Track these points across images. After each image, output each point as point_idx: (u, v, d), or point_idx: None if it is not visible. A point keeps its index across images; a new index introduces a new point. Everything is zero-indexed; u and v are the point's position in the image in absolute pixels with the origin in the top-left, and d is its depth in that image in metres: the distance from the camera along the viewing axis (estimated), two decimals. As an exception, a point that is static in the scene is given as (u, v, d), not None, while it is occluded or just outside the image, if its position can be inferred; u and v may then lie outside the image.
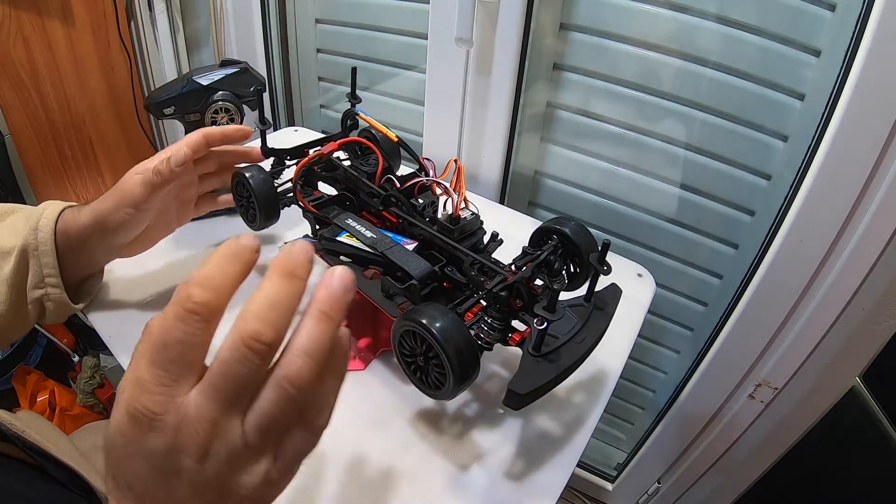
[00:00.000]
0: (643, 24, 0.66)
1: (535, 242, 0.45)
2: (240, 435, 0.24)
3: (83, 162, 1.16)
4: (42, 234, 0.45)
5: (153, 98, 0.56)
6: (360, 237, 0.45)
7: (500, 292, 0.38)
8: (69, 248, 0.47)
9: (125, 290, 0.55)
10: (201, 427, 0.23)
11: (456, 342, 0.33)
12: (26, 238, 0.45)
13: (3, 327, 0.46)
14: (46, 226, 0.46)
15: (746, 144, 0.67)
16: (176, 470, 0.23)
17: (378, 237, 0.45)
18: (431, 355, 0.35)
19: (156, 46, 1.12)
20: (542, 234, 0.45)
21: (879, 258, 0.57)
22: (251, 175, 0.49)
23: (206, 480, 0.23)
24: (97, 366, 1.06)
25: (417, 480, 0.40)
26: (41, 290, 0.47)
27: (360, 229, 0.46)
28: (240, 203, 0.52)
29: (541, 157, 0.82)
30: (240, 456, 0.24)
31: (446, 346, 0.33)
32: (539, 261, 0.42)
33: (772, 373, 0.73)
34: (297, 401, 0.24)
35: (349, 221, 0.48)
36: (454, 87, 0.75)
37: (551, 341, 0.37)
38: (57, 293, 0.47)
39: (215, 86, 0.56)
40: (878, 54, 0.50)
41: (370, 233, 0.46)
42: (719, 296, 0.78)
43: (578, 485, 1.14)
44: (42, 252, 0.46)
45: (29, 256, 0.46)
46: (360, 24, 0.88)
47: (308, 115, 1.06)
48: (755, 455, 0.81)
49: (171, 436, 0.23)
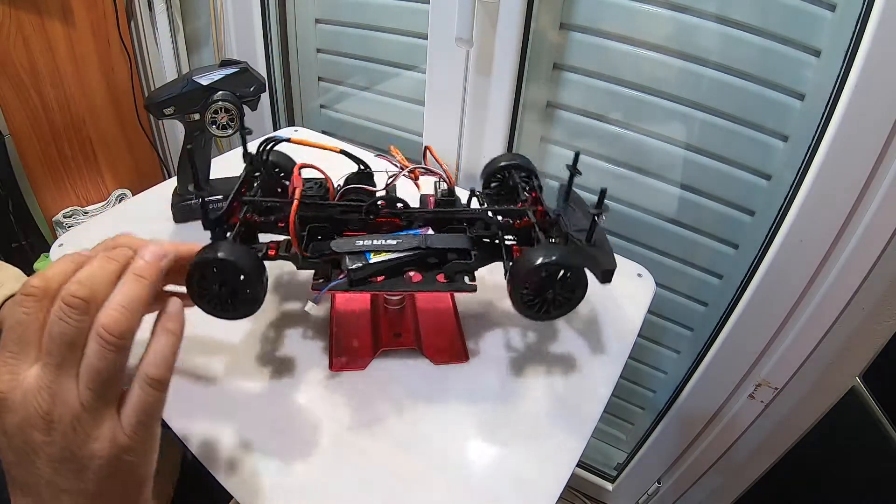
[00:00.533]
0: (643, 24, 0.66)
1: (490, 182, 0.53)
2: (76, 396, 0.25)
3: (83, 162, 1.16)
4: None
5: (153, 98, 0.56)
6: (388, 249, 0.42)
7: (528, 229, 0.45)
8: None
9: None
10: (41, 397, 0.24)
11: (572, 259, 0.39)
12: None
13: None
14: None
15: (746, 144, 0.67)
16: (32, 446, 0.25)
17: (400, 239, 0.43)
18: (564, 281, 0.39)
19: (156, 46, 1.12)
20: (496, 173, 0.52)
21: (879, 258, 0.57)
22: (236, 258, 0.36)
23: (59, 453, 0.25)
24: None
25: (417, 481, 0.40)
26: None
27: (380, 242, 0.43)
28: (206, 299, 0.37)
29: (541, 156, 0.82)
30: (81, 420, 0.25)
31: (573, 263, 0.39)
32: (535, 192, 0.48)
33: (772, 373, 0.73)
34: (119, 350, 0.26)
35: (360, 242, 0.42)
36: (454, 87, 0.75)
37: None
38: None
39: (215, 86, 0.56)
40: (878, 54, 0.50)
41: (391, 240, 0.43)
42: (719, 296, 0.78)
43: (578, 485, 1.14)
44: None
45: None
46: (360, 24, 0.88)
47: (308, 115, 1.06)
48: (755, 455, 0.81)
49: (20, 412, 0.24)
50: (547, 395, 0.47)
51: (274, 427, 0.43)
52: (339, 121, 1.02)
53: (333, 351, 0.50)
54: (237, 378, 0.46)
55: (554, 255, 0.38)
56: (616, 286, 0.61)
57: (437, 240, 0.43)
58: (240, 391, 0.45)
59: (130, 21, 1.10)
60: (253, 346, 0.49)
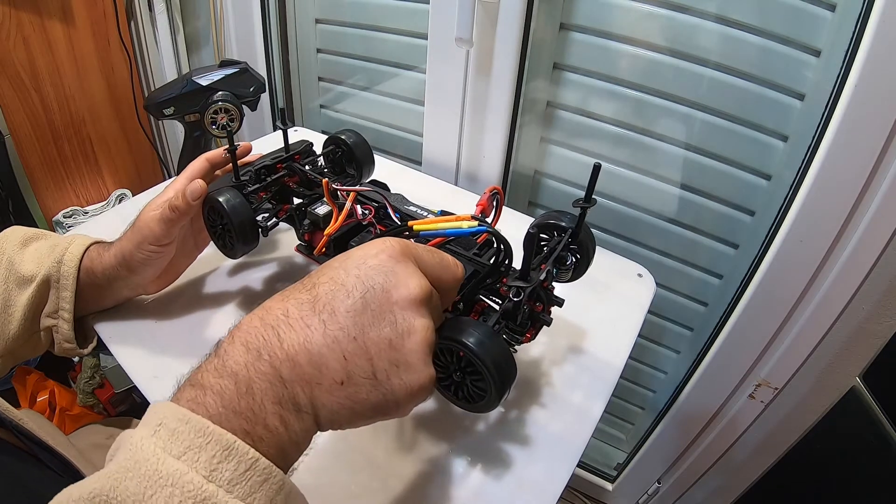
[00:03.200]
0: (643, 24, 0.66)
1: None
2: None
3: (83, 162, 1.16)
4: (66, 268, 0.46)
5: (153, 98, 0.56)
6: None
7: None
8: (93, 285, 0.47)
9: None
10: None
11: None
12: (49, 269, 0.46)
13: (14, 350, 0.47)
14: (71, 261, 0.46)
15: (746, 144, 0.67)
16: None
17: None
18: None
19: (156, 46, 1.12)
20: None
21: (879, 258, 0.57)
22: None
23: None
24: (97, 366, 1.06)
25: (418, 481, 0.40)
26: (53, 320, 0.47)
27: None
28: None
29: (541, 156, 0.82)
30: None
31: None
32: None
33: (772, 373, 0.73)
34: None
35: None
36: (454, 87, 0.75)
37: None
38: (66, 329, 0.47)
39: (215, 86, 0.56)
40: (878, 54, 0.50)
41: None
42: (719, 296, 0.78)
43: (578, 485, 1.14)
44: (62, 286, 0.46)
45: (50, 287, 0.46)
46: (360, 24, 0.88)
47: (308, 116, 1.06)
48: (755, 455, 0.81)
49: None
50: (547, 395, 0.47)
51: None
52: (339, 121, 1.02)
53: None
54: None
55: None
56: (616, 286, 0.61)
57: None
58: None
59: (130, 21, 1.10)
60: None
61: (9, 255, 0.46)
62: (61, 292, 0.46)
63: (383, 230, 0.43)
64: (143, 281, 0.49)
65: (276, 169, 0.52)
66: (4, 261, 0.46)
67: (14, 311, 0.46)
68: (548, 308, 0.40)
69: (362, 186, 0.45)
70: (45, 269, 0.46)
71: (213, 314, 0.53)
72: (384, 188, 0.50)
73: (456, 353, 0.34)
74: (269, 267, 0.60)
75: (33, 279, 0.46)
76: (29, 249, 0.48)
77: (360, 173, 0.58)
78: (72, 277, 0.46)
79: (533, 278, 0.38)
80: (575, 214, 0.43)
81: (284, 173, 0.51)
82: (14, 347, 0.46)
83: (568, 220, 0.44)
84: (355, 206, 0.44)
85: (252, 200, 0.48)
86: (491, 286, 0.40)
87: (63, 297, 0.46)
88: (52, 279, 0.46)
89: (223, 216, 0.45)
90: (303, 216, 0.48)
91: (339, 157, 0.58)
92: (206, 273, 0.58)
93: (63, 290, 0.46)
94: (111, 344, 0.49)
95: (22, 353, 0.48)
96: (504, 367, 0.34)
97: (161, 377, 0.46)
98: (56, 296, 0.46)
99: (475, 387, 0.35)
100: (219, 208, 0.45)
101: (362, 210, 0.44)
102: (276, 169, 0.52)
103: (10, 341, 0.46)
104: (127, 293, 0.51)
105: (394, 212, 0.44)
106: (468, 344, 0.33)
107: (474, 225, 0.38)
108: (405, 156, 0.94)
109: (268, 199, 0.50)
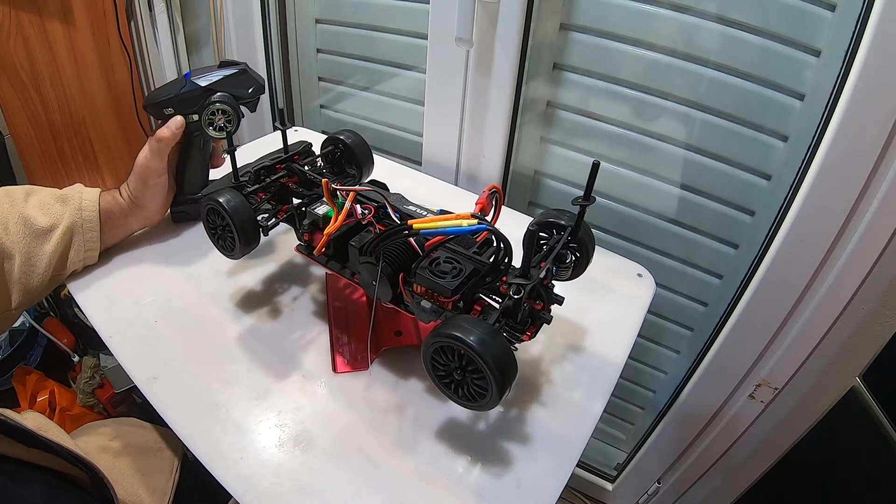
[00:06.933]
0: (643, 24, 0.66)
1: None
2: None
3: (83, 162, 1.16)
4: (88, 213, 0.54)
5: (152, 98, 0.56)
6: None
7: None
8: (111, 225, 0.56)
9: (126, 291, 0.55)
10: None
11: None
12: (72, 218, 0.53)
13: (33, 299, 0.52)
14: (91, 208, 0.54)
15: (746, 144, 0.67)
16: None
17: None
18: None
19: (156, 46, 1.12)
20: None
21: (879, 258, 0.57)
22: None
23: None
24: (97, 366, 1.06)
25: (418, 481, 0.40)
26: (81, 262, 0.55)
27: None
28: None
29: (541, 156, 0.82)
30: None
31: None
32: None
33: (772, 373, 0.73)
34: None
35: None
36: (454, 87, 0.75)
37: None
38: (93, 258, 0.56)
39: (213, 87, 0.56)
40: (878, 54, 0.50)
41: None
42: (719, 296, 0.78)
43: (578, 485, 1.14)
44: (87, 229, 0.54)
45: (73, 234, 0.53)
46: (360, 24, 0.88)
47: (308, 116, 1.06)
48: (755, 455, 0.81)
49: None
50: (547, 394, 0.47)
51: (273, 427, 0.43)
52: (340, 121, 1.02)
53: (335, 353, 0.50)
54: (238, 378, 0.46)
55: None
56: (616, 286, 0.61)
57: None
58: (240, 392, 0.45)
59: (130, 21, 1.10)
60: (254, 348, 0.49)
61: (19, 210, 0.51)
62: (86, 234, 0.54)
63: (383, 230, 0.43)
64: (152, 213, 0.58)
65: (275, 169, 0.52)
66: (17, 217, 0.50)
67: (38, 261, 0.51)
68: (548, 306, 0.40)
69: (362, 186, 0.45)
70: (67, 218, 0.52)
71: (213, 314, 0.53)
72: (383, 188, 0.50)
73: (457, 352, 0.34)
74: (268, 267, 0.60)
75: (52, 230, 0.52)
76: (31, 203, 0.52)
77: (359, 173, 0.58)
78: (95, 221, 0.54)
79: (533, 276, 0.38)
80: (574, 213, 0.43)
81: (284, 174, 0.51)
82: (34, 297, 0.52)
83: (567, 219, 0.44)
84: (355, 205, 0.44)
85: (252, 201, 0.48)
86: (491, 284, 0.40)
87: (89, 238, 0.54)
88: (76, 226, 0.53)
89: (223, 216, 0.45)
90: (302, 216, 0.48)
91: (337, 157, 0.58)
92: (207, 273, 0.58)
93: (88, 233, 0.54)
94: (111, 344, 0.49)
95: (37, 299, 0.54)
96: (505, 365, 0.34)
97: (161, 377, 0.46)
98: (81, 239, 0.54)
99: (476, 385, 0.35)
100: (219, 209, 0.45)
101: (362, 210, 0.44)
102: (275, 169, 0.52)
103: (32, 291, 0.51)
104: (137, 227, 0.60)
105: (393, 211, 0.44)
106: (469, 342, 0.33)
107: (474, 223, 0.38)
108: (405, 156, 0.94)
109: (267, 200, 0.50)
